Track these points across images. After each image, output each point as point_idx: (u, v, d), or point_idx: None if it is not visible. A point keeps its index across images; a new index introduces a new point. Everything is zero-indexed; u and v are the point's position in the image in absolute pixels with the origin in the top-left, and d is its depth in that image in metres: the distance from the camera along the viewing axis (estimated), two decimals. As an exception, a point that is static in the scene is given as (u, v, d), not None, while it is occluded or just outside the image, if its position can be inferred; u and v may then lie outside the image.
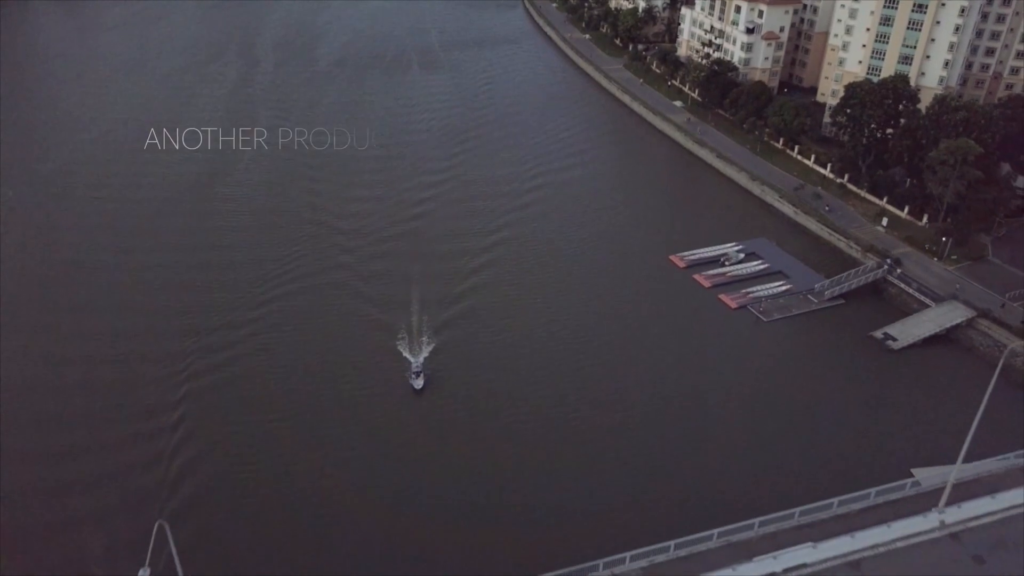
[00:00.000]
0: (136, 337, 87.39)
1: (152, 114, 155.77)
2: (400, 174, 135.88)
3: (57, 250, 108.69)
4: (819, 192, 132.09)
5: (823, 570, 42.06)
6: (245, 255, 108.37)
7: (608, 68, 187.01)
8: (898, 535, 44.58)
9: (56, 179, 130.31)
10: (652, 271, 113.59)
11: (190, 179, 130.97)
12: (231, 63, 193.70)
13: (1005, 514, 46.26)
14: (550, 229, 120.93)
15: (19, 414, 74.20)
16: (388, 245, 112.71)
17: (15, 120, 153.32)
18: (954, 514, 45.83)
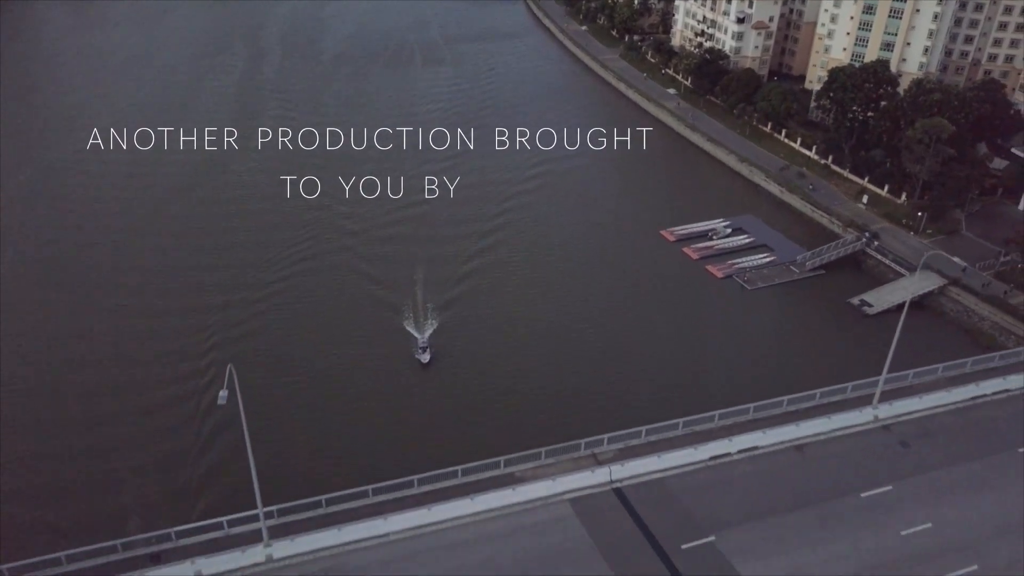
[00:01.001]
0: (160, 311, 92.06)
1: (167, 114, 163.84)
2: (403, 162, 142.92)
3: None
4: (803, 172, 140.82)
5: (771, 452, 50.80)
6: (257, 236, 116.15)
7: (604, 58, 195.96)
8: (837, 426, 53.32)
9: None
10: (644, 244, 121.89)
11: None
12: (239, 53, 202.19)
13: (929, 412, 55.09)
14: (550, 209, 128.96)
15: (63, 384, 78.19)
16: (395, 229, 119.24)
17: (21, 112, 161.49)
18: (886, 410, 54.63)
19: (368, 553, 43.29)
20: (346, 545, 43.58)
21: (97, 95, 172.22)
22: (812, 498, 47.79)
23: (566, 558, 43.42)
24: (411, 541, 44.25)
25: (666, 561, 43.40)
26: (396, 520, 45.14)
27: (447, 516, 45.44)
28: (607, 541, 44.53)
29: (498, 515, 45.97)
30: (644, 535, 44.99)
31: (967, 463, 51.19)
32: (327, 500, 45.80)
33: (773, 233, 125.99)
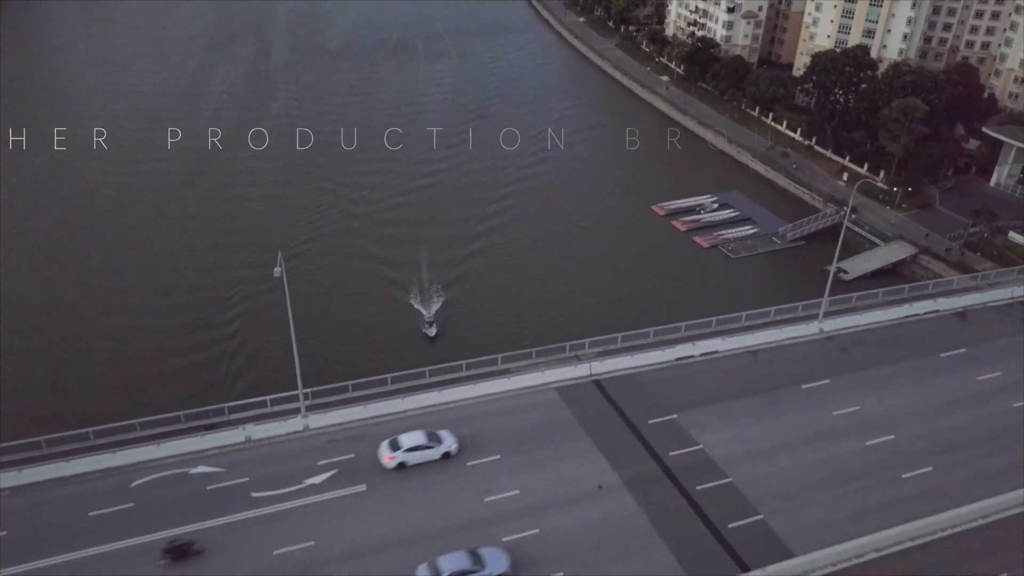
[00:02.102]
0: (185, 279, 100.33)
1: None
2: (408, 151, 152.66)
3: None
4: (787, 152, 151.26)
5: (729, 355, 60.96)
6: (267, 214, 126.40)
7: (601, 47, 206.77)
8: (786, 336, 63.47)
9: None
10: (636, 218, 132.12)
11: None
12: (247, 45, 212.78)
13: (867, 326, 65.38)
14: (549, 188, 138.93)
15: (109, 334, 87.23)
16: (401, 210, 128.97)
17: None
18: (830, 324, 64.87)
19: (387, 425, 53.38)
20: (369, 419, 53.65)
21: (106, 85, 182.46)
22: (761, 388, 57.94)
23: (552, 430, 53.51)
24: (423, 416, 54.35)
25: (635, 432, 53.47)
26: (411, 400, 55.27)
27: (453, 399, 55.55)
28: (586, 418, 54.62)
29: (495, 398, 56.11)
30: (618, 414, 55.09)
31: (894, 364, 61.44)
32: (353, 385, 55.94)
33: (757, 208, 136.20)
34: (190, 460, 49.81)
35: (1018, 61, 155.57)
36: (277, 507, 46.73)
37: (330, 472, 49.23)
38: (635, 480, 49.59)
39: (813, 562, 43.73)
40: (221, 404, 53.93)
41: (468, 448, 51.44)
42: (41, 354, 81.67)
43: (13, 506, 46.26)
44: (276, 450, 51.07)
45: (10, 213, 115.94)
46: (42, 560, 43.14)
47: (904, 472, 51.00)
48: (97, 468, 48.77)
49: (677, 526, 46.52)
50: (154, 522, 45.56)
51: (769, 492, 48.97)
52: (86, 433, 50.84)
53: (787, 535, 46.02)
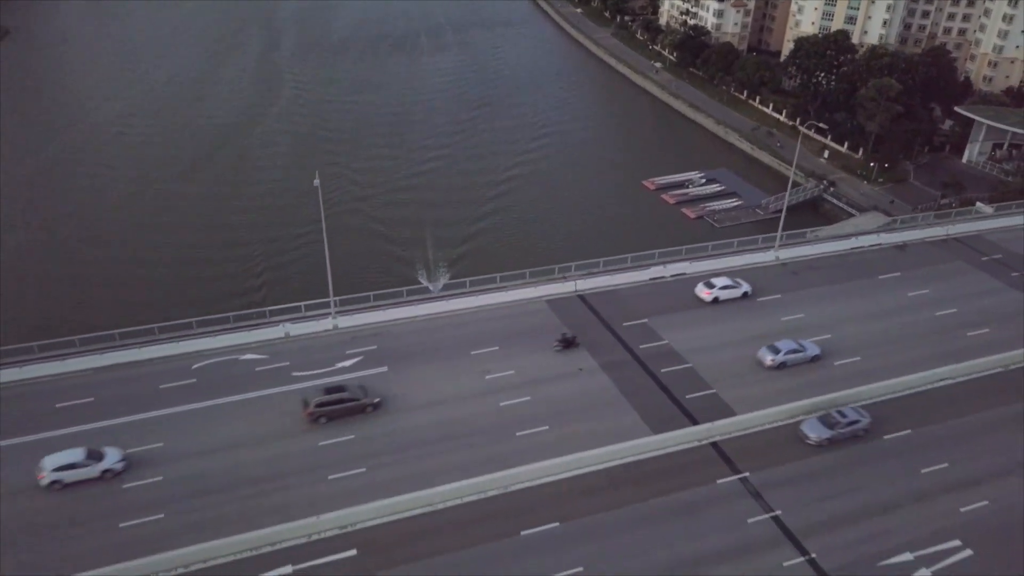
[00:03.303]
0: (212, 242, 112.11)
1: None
2: (413, 132, 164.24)
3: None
4: (772, 132, 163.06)
5: (695, 276, 72.39)
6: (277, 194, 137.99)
7: (597, 36, 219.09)
8: (746, 262, 75.06)
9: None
10: (628, 192, 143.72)
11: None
12: (255, 35, 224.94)
13: (817, 255, 77.12)
14: (550, 167, 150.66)
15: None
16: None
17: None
18: (785, 254, 76.43)
19: (403, 326, 64.94)
20: (388, 322, 65.17)
21: (122, 74, 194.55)
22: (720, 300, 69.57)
23: (541, 330, 64.97)
24: (432, 320, 65.95)
25: (612, 332, 64.96)
26: (423, 307, 66.89)
27: (458, 307, 67.12)
28: (571, 322, 66.11)
29: (493, 307, 67.69)
30: (597, 318, 66.62)
31: (837, 283, 73.16)
32: (374, 296, 67.50)
33: (742, 182, 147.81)
34: (239, 350, 61.31)
35: (991, 46, 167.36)
36: (314, 383, 58.12)
37: (357, 358, 60.72)
38: (610, 364, 61.07)
39: (751, 420, 55.13)
40: (263, 308, 65.43)
41: (470, 342, 62.98)
42: (118, 269, 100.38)
43: (99, 380, 57.80)
44: (310, 343, 62.58)
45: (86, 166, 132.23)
46: (121, 418, 54.49)
47: (836, 361, 62.45)
48: (163, 355, 60.30)
49: (643, 396, 57.94)
50: (213, 393, 57.03)
51: (722, 374, 60.43)
52: (152, 328, 62.34)
53: (733, 402, 57.45)
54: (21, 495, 47.88)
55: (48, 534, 45.60)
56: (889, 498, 50.35)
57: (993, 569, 45.76)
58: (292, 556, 44.93)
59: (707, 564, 45.56)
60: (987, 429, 56.26)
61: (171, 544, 44.26)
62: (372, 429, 54.04)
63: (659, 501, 49.37)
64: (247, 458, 51.40)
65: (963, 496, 50.71)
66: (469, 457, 51.56)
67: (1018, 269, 76.88)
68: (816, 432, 53.57)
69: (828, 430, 53.49)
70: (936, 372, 60.11)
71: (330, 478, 50.18)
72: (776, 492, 50.27)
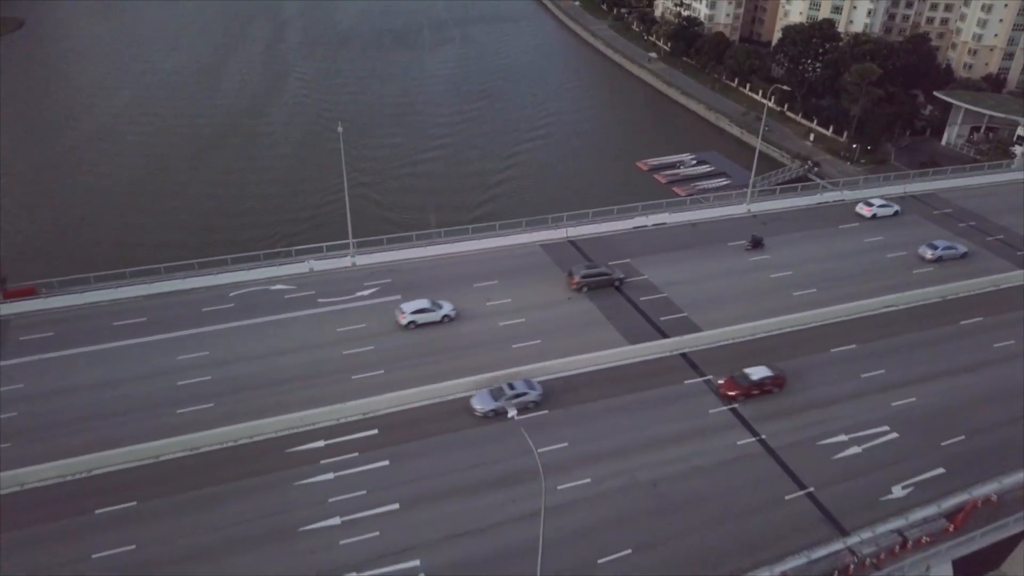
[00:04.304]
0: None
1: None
2: (418, 121, 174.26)
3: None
4: (759, 116, 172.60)
5: (675, 225, 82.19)
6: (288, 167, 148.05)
7: (595, 28, 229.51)
8: (720, 214, 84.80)
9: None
10: (622, 172, 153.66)
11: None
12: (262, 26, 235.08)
13: (784, 208, 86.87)
14: (551, 149, 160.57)
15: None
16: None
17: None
18: (756, 207, 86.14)
19: (413, 263, 74.67)
20: (400, 260, 74.88)
21: (133, 65, 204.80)
22: (696, 244, 79.38)
23: (535, 267, 74.75)
24: (438, 259, 75.81)
25: (597, 270, 74.74)
26: (430, 249, 76.68)
27: (461, 249, 76.88)
28: (561, 261, 75.80)
29: (493, 249, 77.45)
30: (584, 258, 76.29)
31: (801, 231, 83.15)
32: (387, 239, 77.25)
33: (731, 164, 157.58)
34: (270, 282, 71.02)
35: (971, 34, 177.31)
36: (337, 307, 67.83)
37: (373, 289, 70.41)
38: (595, 294, 70.72)
39: (715, 335, 64.80)
40: (289, 247, 75.23)
41: (472, 277, 72.70)
42: (156, 219, 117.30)
43: (149, 305, 67.54)
44: (332, 277, 72.30)
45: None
46: (171, 333, 64.13)
47: (795, 291, 72.12)
48: (204, 285, 70.02)
49: (623, 318, 67.59)
50: (249, 315, 66.69)
51: (693, 301, 70.11)
52: (192, 264, 72.05)
53: (702, 323, 67.13)
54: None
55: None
56: (831, 396, 59.94)
57: (911, 447, 55.27)
58: (323, 434, 54.54)
59: (673, 442, 55.09)
60: (922, 344, 65.90)
61: (221, 426, 53.75)
62: (387, 342, 63.63)
63: (634, 396, 58.95)
64: (281, 363, 61.04)
65: (894, 394, 60.26)
66: (471, 363, 61.09)
67: (965, 221, 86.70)
68: (483, 404, 55.97)
69: (493, 400, 56.14)
70: (882, 299, 69.81)
71: (353, 378, 59.78)
72: (735, 390, 59.80)
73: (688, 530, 48.68)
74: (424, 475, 51.49)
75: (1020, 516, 50.58)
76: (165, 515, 47.91)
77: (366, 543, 46.86)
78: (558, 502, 49.37)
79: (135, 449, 51.28)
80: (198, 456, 52.32)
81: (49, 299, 67.14)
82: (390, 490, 50.30)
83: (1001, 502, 51.56)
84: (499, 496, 50.39)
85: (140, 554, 45.65)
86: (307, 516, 48.39)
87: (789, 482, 52.42)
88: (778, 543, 47.94)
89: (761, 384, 58.53)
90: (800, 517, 49.94)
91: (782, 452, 54.75)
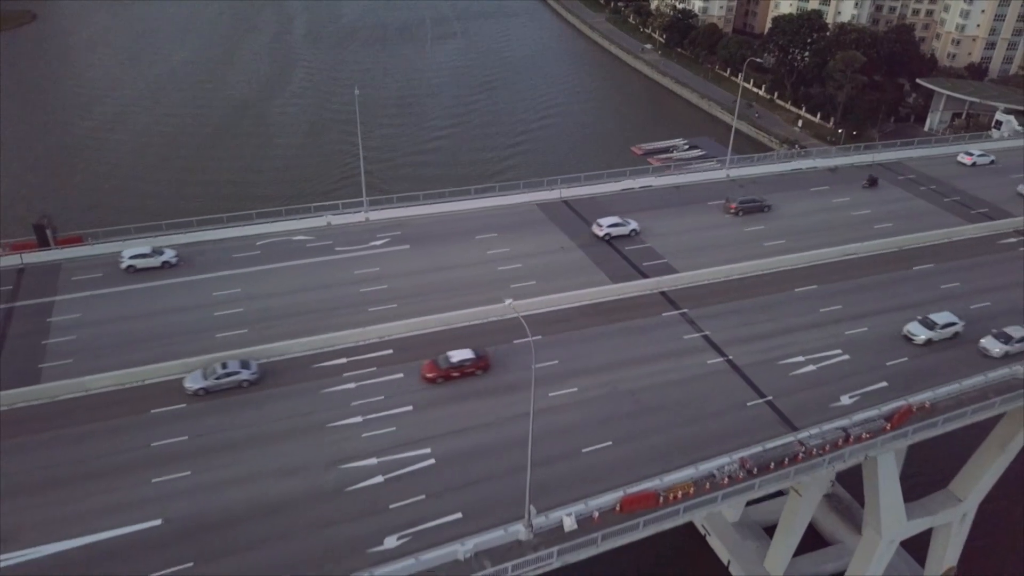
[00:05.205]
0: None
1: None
2: (421, 111, 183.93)
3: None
4: (751, 104, 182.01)
5: (659, 188, 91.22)
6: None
7: (592, 21, 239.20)
8: (702, 178, 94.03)
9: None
10: (617, 156, 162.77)
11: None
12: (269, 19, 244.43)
13: (762, 174, 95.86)
14: (551, 134, 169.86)
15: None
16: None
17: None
18: (735, 172, 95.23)
19: (421, 219, 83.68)
20: (409, 216, 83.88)
21: (146, 55, 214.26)
22: (679, 204, 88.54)
23: (531, 223, 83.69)
24: (444, 216, 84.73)
25: (588, 224, 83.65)
26: (435, 207, 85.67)
27: (464, 208, 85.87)
28: (555, 218, 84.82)
29: (493, 208, 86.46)
30: (577, 215, 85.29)
31: (775, 193, 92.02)
32: (397, 198, 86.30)
33: (722, 148, 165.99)
34: (292, 233, 79.99)
35: (955, 25, 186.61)
36: (353, 255, 76.76)
37: (386, 239, 79.39)
38: (585, 244, 79.79)
39: (691, 276, 73.79)
40: (308, 204, 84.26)
41: (474, 231, 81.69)
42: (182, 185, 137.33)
43: (184, 252, 76.37)
44: (348, 230, 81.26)
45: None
46: (204, 274, 73.05)
47: (765, 242, 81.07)
48: (232, 236, 78.91)
49: (609, 264, 76.57)
50: (274, 260, 75.61)
51: (673, 250, 79.11)
52: (221, 217, 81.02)
53: (680, 267, 76.12)
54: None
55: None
56: (793, 325, 68.88)
57: (860, 366, 64.16)
58: (345, 353, 63.41)
59: (651, 361, 63.97)
60: (877, 285, 74.95)
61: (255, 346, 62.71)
62: (404, 282, 72.59)
63: (617, 325, 67.89)
64: (306, 298, 69.97)
65: (849, 325, 69.22)
66: (475, 299, 70.01)
67: (926, 185, 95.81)
68: (193, 383, 58.72)
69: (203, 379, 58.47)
70: (844, 248, 78.78)
71: (370, 310, 68.68)
72: (707, 321, 68.87)
73: (661, 428, 57.46)
74: (434, 384, 60.31)
75: (948, 416, 59.34)
76: (211, 413, 56.70)
77: (384, 436, 55.60)
78: (549, 406, 58.21)
79: (185, 361, 60.11)
80: (237, 369, 61.04)
81: (95, 246, 75.99)
82: (404, 395, 59.14)
83: (934, 408, 60.34)
84: (498, 401, 59.19)
85: (192, 443, 54.38)
86: (333, 416, 57.20)
87: (751, 392, 61.24)
88: (739, 438, 56.73)
89: (462, 366, 60.83)
90: (759, 419, 58.75)
91: (746, 369, 63.61)
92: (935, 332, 67.17)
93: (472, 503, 50.39)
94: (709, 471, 53.58)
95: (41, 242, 74.70)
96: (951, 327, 67.77)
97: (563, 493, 51.15)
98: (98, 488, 50.04)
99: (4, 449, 52.35)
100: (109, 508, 48.86)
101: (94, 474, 51.17)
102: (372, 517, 49.17)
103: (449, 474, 52.55)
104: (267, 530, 47.76)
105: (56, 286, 70.41)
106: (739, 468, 53.98)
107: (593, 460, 54.45)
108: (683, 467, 53.77)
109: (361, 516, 49.23)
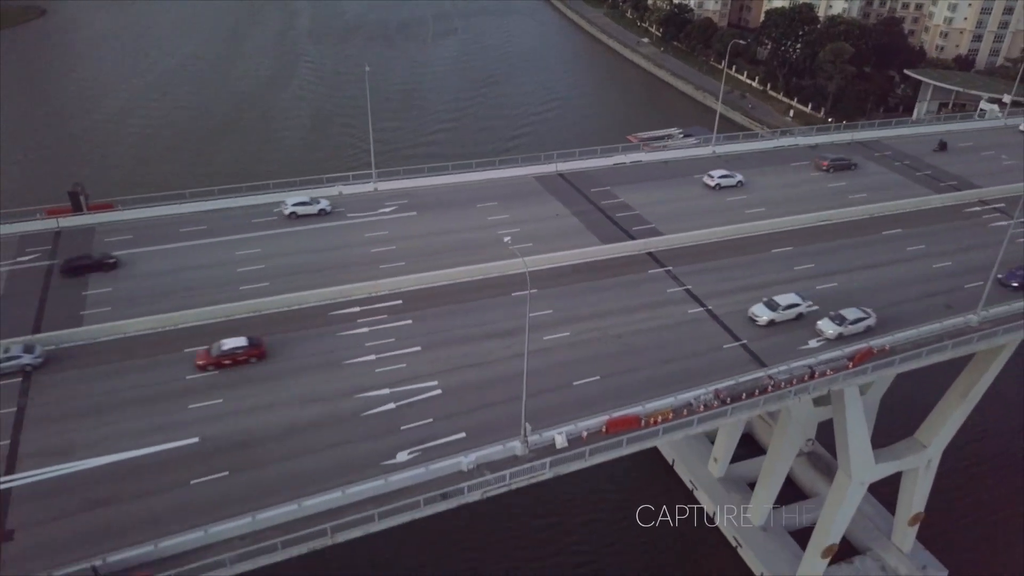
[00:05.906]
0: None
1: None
2: (423, 105, 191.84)
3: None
4: (744, 95, 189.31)
5: (648, 163, 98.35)
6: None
7: (591, 16, 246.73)
8: (689, 155, 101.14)
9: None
10: (614, 144, 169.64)
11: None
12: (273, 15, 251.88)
13: (746, 151, 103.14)
14: (552, 127, 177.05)
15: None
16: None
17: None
18: (721, 149, 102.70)
19: (425, 189, 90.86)
20: (414, 187, 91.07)
21: (153, 49, 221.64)
22: (667, 177, 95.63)
23: (529, 193, 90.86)
24: (447, 186, 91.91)
25: (582, 194, 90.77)
26: (440, 179, 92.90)
27: (465, 180, 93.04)
28: (551, 189, 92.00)
29: (493, 180, 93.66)
30: (572, 187, 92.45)
31: (757, 168, 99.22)
32: (404, 171, 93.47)
33: (717, 138, 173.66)
34: (308, 203, 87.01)
35: (943, 18, 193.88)
36: (364, 220, 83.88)
37: (393, 207, 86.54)
38: (579, 212, 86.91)
39: (676, 239, 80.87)
40: (321, 175, 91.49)
41: (476, 200, 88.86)
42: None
43: (207, 217, 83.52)
44: (358, 198, 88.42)
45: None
46: (228, 236, 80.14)
47: (747, 210, 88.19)
48: (251, 204, 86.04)
49: (601, 228, 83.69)
50: (290, 224, 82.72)
51: (661, 217, 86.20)
52: (240, 187, 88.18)
53: (664, 231, 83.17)
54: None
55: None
56: (768, 281, 75.91)
57: (823, 313, 71.31)
58: (358, 303, 70.49)
59: (637, 310, 71.02)
60: (847, 247, 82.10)
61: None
62: (412, 243, 79.72)
63: (607, 280, 75.03)
64: (321, 257, 77.04)
65: (819, 280, 76.31)
66: (478, 257, 77.07)
67: (900, 161, 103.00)
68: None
69: None
70: (818, 215, 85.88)
71: (381, 267, 75.75)
72: (689, 277, 75.97)
73: (645, 365, 64.51)
74: (440, 329, 67.46)
75: (903, 356, 66.36)
76: (240, 351, 63.66)
77: (395, 371, 62.64)
78: (543, 347, 65.22)
79: (214, 308, 67.24)
80: (261, 316, 68.25)
81: (125, 212, 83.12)
82: (413, 338, 66.22)
83: (892, 350, 67.34)
84: (498, 343, 66.22)
85: (223, 377, 61.39)
86: (349, 354, 64.25)
87: (727, 336, 68.30)
88: (714, 374, 63.74)
89: (234, 354, 62.45)
90: (734, 359, 65.78)
91: (724, 318, 70.67)
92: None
93: (474, 426, 57.41)
94: (687, 400, 60.51)
95: (75, 207, 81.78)
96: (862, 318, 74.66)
97: (556, 417, 58.14)
98: (143, 412, 57.07)
99: (56, 381, 59.43)
100: (153, 428, 55.89)
101: (137, 400, 58.21)
102: (385, 437, 56.20)
103: (454, 402, 59.53)
104: (292, 447, 54.79)
105: (91, 247, 77.43)
106: (713, 397, 60.96)
107: (583, 391, 61.43)
108: (663, 396, 60.69)
109: (376, 436, 56.27)
